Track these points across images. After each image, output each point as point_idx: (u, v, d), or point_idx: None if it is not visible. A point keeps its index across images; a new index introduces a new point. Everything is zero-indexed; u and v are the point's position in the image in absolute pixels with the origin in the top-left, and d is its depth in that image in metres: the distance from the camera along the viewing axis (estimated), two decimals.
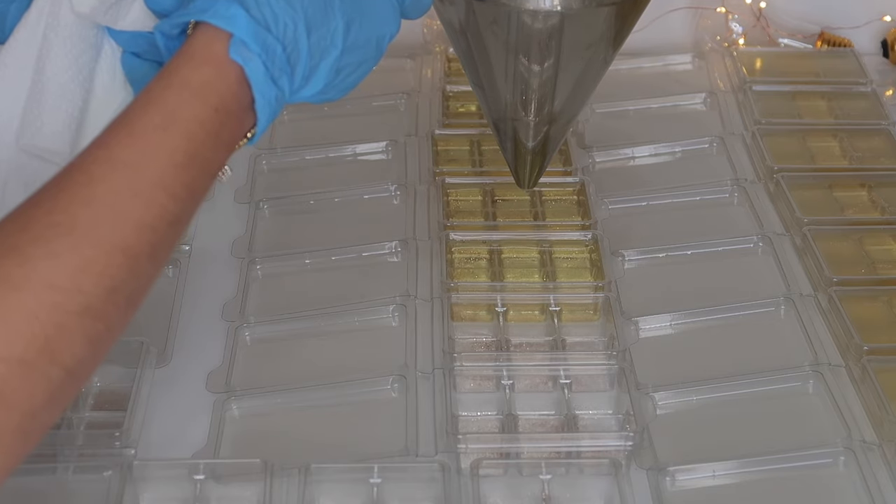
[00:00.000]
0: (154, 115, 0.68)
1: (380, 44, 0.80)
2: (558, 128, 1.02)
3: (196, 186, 0.69)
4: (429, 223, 1.19)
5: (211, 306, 1.10)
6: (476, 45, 0.97)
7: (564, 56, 0.95)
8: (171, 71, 0.70)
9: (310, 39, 0.74)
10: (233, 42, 0.71)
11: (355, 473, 0.93)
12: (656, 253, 1.16)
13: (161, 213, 0.66)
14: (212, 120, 0.69)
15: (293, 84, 0.74)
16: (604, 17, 0.94)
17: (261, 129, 0.74)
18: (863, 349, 1.03)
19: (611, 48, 0.98)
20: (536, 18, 0.92)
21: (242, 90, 0.71)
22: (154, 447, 0.96)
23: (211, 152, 0.70)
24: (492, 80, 0.99)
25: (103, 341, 0.64)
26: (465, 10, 0.95)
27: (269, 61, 0.71)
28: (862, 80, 1.41)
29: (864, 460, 0.94)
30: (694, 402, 1.01)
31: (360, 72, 0.79)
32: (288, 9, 0.73)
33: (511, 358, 1.03)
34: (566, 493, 0.93)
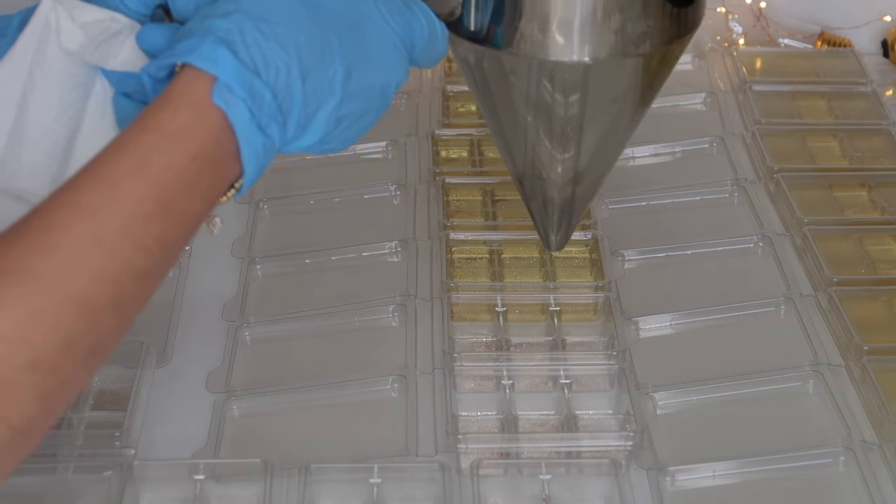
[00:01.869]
0: (125, 159, 0.64)
1: (385, 92, 0.75)
2: (585, 187, 0.95)
3: (168, 239, 0.64)
4: (429, 223, 1.19)
5: (211, 306, 1.10)
6: (496, 96, 0.90)
7: (590, 110, 0.88)
8: (149, 114, 0.66)
9: (305, 86, 0.69)
10: (216, 85, 0.66)
11: (355, 473, 0.93)
12: (656, 253, 1.16)
13: (125, 266, 0.62)
14: (188, 168, 0.65)
15: (286, 133, 0.69)
16: (634, 68, 0.86)
17: (248, 180, 0.69)
18: (863, 349, 1.03)
19: (640, 101, 0.91)
20: (560, 71, 0.84)
21: (226, 137, 0.66)
22: (154, 447, 0.96)
23: (187, 202, 0.65)
24: (514, 135, 0.92)
25: (57, 397, 0.60)
26: (484, 59, 0.87)
27: (255, 107, 0.67)
28: (862, 80, 1.41)
29: (864, 460, 0.94)
30: (694, 402, 1.01)
31: (363, 122, 0.75)
32: (280, 52, 0.68)
33: (511, 358, 1.03)
34: (566, 493, 0.93)
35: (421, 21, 0.77)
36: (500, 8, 0.83)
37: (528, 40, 0.83)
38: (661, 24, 0.83)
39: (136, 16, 0.76)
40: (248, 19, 0.68)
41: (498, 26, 0.83)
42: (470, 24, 0.84)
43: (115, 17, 0.75)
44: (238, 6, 0.69)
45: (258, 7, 0.69)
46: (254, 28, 0.68)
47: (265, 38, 0.68)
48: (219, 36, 0.67)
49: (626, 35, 0.83)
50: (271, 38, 0.68)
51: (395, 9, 0.75)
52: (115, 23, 0.75)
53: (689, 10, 0.85)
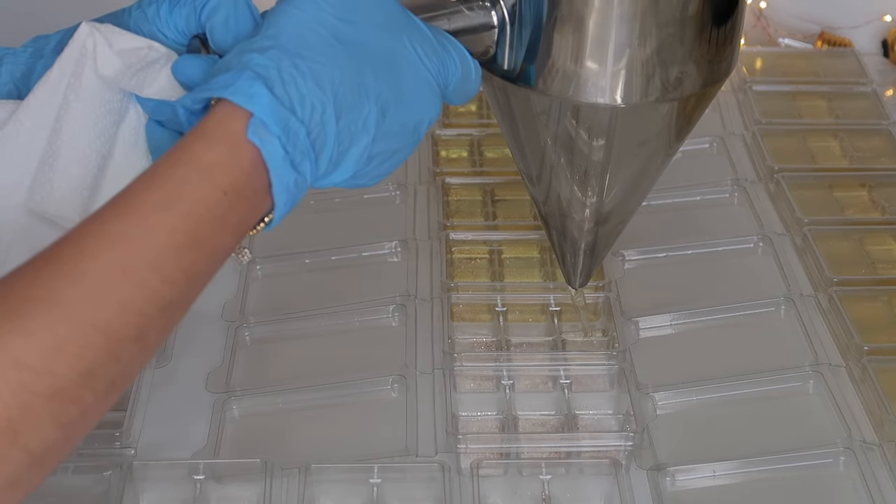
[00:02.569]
0: (157, 191, 0.63)
1: (417, 129, 0.75)
2: (611, 227, 0.94)
3: (196, 271, 0.64)
4: (429, 223, 1.19)
5: (211, 306, 1.10)
6: (525, 135, 0.89)
7: (619, 153, 0.87)
8: (182, 147, 0.66)
9: (339, 124, 0.69)
10: (252, 122, 0.66)
11: (355, 473, 0.93)
12: (656, 253, 1.16)
13: (152, 297, 0.62)
14: (220, 202, 0.64)
15: (318, 169, 0.69)
16: (666, 112, 0.85)
17: (279, 215, 0.69)
18: (863, 349, 1.03)
19: (671, 144, 0.90)
20: (591, 112, 0.84)
21: (258, 173, 0.66)
22: (154, 447, 0.96)
23: (216, 236, 0.65)
24: (541, 174, 0.91)
25: (77, 426, 0.60)
26: (513, 97, 0.86)
27: (289, 144, 0.66)
28: (862, 80, 1.41)
29: (864, 460, 0.94)
30: (694, 402, 1.01)
31: (395, 159, 0.74)
32: (317, 90, 0.68)
33: (511, 358, 1.04)
34: (566, 493, 0.93)
35: (455, 61, 0.77)
36: (534, 48, 0.82)
37: (560, 81, 0.82)
38: (694, 70, 0.83)
39: (173, 45, 0.76)
40: (285, 56, 0.68)
41: (531, 66, 0.83)
42: (503, 63, 0.84)
43: (153, 45, 0.75)
44: (276, 42, 0.69)
45: (296, 43, 0.69)
46: (291, 65, 0.67)
47: (302, 75, 0.67)
48: (256, 72, 0.67)
49: (657, 79, 0.82)
50: (308, 75, 0.68)
51: (431, 48, 0.75)
52: (152, 51, 0.75)
53: (722, 56, 0.84)
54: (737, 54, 0.87)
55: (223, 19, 0.74)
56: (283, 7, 0.71)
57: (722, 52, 0.84)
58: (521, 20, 0.82)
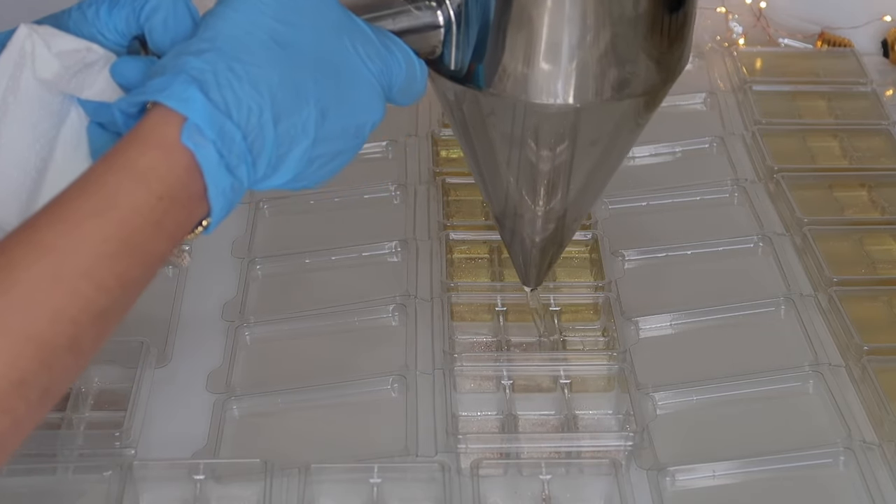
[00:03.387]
0: (90, 198, 0.63)
1: (360, 132, 0.74)
2: (566, 225, 0.93)
3: (130, 278, 0.63)
4: (429, 223, 1.19)
5: (211, 306, 1.10)
6: (475, 135, 0.87)
7: (572, 153, 0.86)
8: (116, 152, 0.65)
9: (277, 127, 0.68)
10: (185, 126, 0.65)
11: (355, 473, 0.93)
12: (656, 253, 1.16)
13: (85, 305, 0.61)
14: (154, 209, 0.64)
15: (255, 173, 0.68)
16: (619, 111, 0.84)
17: (216, 220, 0.68)
18: (863, 349, 1.03)
19: (624, 143, 0.89)
20: (541, 113, 0.82)
21: (193, 177, 0.66)
22: (154, 447, 0.96)
23: (151, 242, 0.64)
24: (494, 174, 0.89)
25: (9, 436, 0.60)
26: (464, 98, 0.84)
27: (224, 149, 0.66)
28: (862, 80, 1.41)
29: (864, 460, 0.94)
30: (694, 402, 1.01)
31: (336, 162, 0.73)
32: (253, 93, 0.67)
33: (511, 358, 1.03)
34: (566, 493, 0.93)
35: (399, 62, 0.76)
36: (482, 48, 0.80)
37: (511, 81, 0.81)
38: (645, 69, 0.82)
39: (112, 46, 0.75)
40: (222, 59, 0.67)
41: (479, 66, 0.81)
42: (451, 64, 0.82)
43: (92, 47, 0.74)
44: (213, 44, 0.68)
45: (233, 46, 0.68)
46: (227, 68, 0.67)
47: (238, 78, 0.67)
48: (191, 75, 0.66)
49: (609, 79, 0.81)
50: (244, 78, 0.67)
51: (374, 50, 0.74)
52: (91, 53, 0.74)
53: (673, 56, 0.84)
54: (688, 52, 0.86)
55: (162, 20, 0.73)
56: (221, 9, 0.70)
57: (673, 50, 0.83)
58: (467, 20, 0.80)
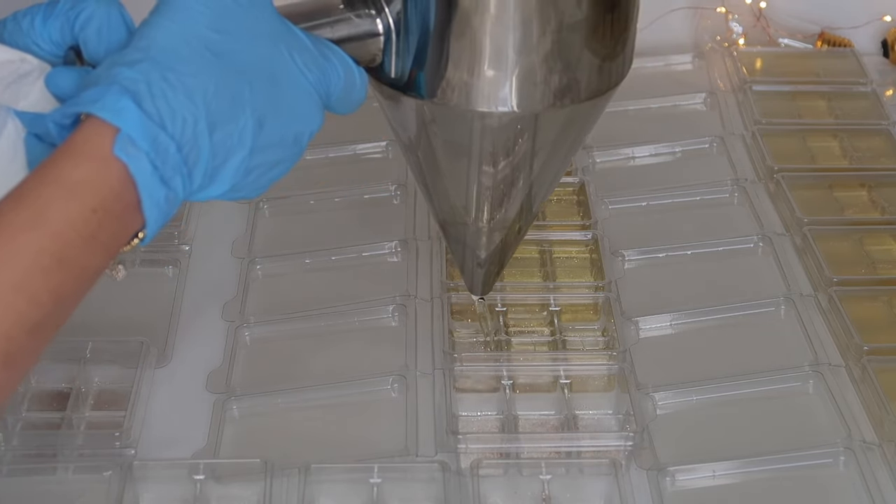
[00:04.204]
0: (23, 212, 0.62)
1: (298, 140, 0.73)
2: (510, 234, 0.93)
3: (64, 292, 0.63)
4: (429, 223, 1.19)
5: (211, 306, 1.10)
6: (419, 144, 0.86)
7: (518, 159, 0.85)
8: (49, 165, 0.64)
9: (212, 138, 0.68)
10: (119, 138, 0.64)
11: (355, 473, 0.93)
12: (656, 253, 1.16)
13: (18, 320, 0.61)
14: (88, 221, 0.63)
15: (191, 184, 0.68)
16: (559, 118, 0.83)
17: (151, 232, 0.67)
18: (863, 349, 1.03)
19: (567, 150, 0.88)
20: (483, 120, 0.81)
21: (127, 189, 0.65)
22: (154, 447, 0.96)
23: (85, 256, 0.64)
24: (435, 182, 0.89)
25: None
26: (403, 106, 0.83)
27: (158, 160, 0.65)
28: (862, 80, 1.41)
29: (864, 460, 0.94)
30: (694, 402, 1.01)
31: (275, 171, 0.73)
32: (188, 103, 0.66)
33: (511, 358, 1.03)
34: (566, 493, 0.93)
35: (338, 70, 0.75)
36: (423, 56, 0.80)
37: (453, 89, 0.80)
38: (586, 76, 0.81)
39: (47, 56, 0.74)
40: (155, 69, 0.67)
41: (419, 74, 0.80)
42: (391, 72, 0.81)
43: (26, 58, 0.74)
44: (146, 55, 0.67)
45: (167, 56, 0.67)
46: (161, 78, 0.66)
47: (172, 88, 0.66)
48: (124, 86, 0.65)
49: (554, 85, 0.80)
50: (179, 88, 0.66)
51: (311, 58, 0.74)
52: (25, 63, 0.74)
53: (615, 63, 0.83)
54: (630, 58, 0.85)
55: (96, 30, 0.73)
56: (155, 18, 0.69)
57: (615, 56, 0.83)
58: (406, 28, 0.79)
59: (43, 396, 1.01)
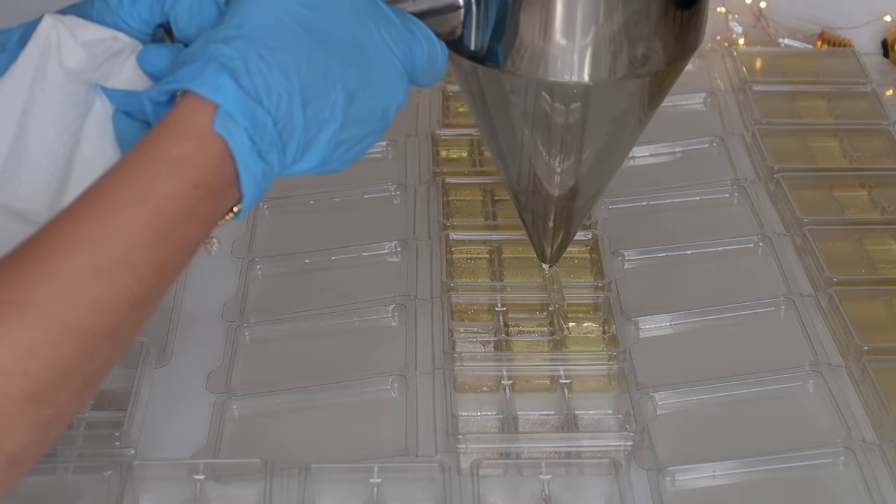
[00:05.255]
0: (126, 188, 0.63)
1: (385, 115, 0.74)
2: (581, 203, 0.94)
3: (166, 266, 0.64)
4: (429, 223, 1.19)
5: (211, 306, 1.10)
6: (495, 114, 0.88)
7: (589, 130, 0.87)
8: (149, 141, 0.65)
9: (305, 112, 0.69)
10: (218, 113, 0.65)
11: (355, 473, 0.93)
12: (656, 253, 1.16)
13: (124, 294, 0.62)
14: (189, 196, 0.64)
15: (285, 159, 0.69)
16: (634, 88, 0.85)
17: (247, 206, 0.68)
18: (863, 349, 1.03)
19: (640, 119, 0.90)
20: (560, 90, 0.83)
21: (226, 164, 0.66)
22: (154, 447, 0.96)
23: (186, 230, 0.65)
24: (512, 152, 0.91)
25: (52, 426, 0.60)
26: (482, 78, 0.86)
27: (256, 135, 0.66)
28: (862, 80, 1.41)
29: (864, 460, 0.94)
30: (694, 402, 1.01)
31: (363, 144, 0.74)
32: (282, 79, 0.67)
33: (511, 358, 1.03)
34: (566, 493, 0.93)
35: (422, 43, 0.76)
36: (501, 27, 0.82)
37: (528, 60, 0.82)
38: (661, 46, 0.83)
39: (137, 35, 0.75)
40: (251, 46, 0.67)
41: (498, 45, 0.82)
42: (470, 44, 0.83)
43: (117, 36, 0.74)
44: (241, 31, 0.68)
45: (261, 33, 0.68)
46: (256, 55, 0.67)
47: (268, 65, 0.67)
48: (221, 62, 0.66)
49: (626, 56, 0.82)
50: (274, 65, 0.67)
51: (397, 33, 0.74)
52: (116, 42, 0.74)
53: (689, 33, 0.84)
54: (703, 30, 0.86)
55: (187, 8, 0.73)
56: None
57: (689, 27, 0.84)
58: (486, 0, 0.81)
59: None
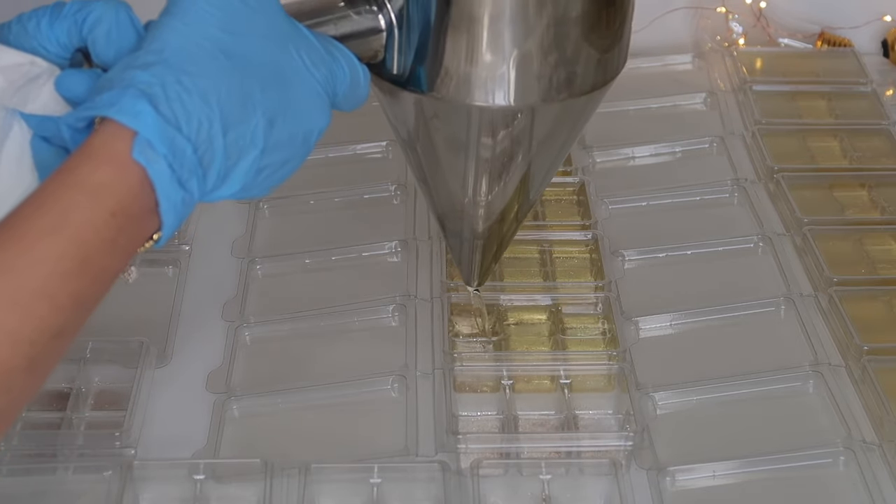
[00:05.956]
0: (44, 217, 0.62)
1: (307, 140, 0.73)
2: (507, 225, 0.94)
3: (85, 296, 0.63)
4: (429, 223, 1.19)
5: (211, 306, 1.10)
6: (419, 138, 0.87)
7: (516, 152, 0.86)
8: (68, 169, 0.64)
9: (226, 138, 0.68)
10: (137, 141, 0.64)
11: (355, 473, 0.93)
12: (656, 253, 1.16)
13: (42, 325, 0.61)
14: (108, 225, 0.64)
15: (205, 185, 0.68)
16: (559, 112, 0.85)
17: (167, 233, 0.68)
18: (863, 349, 1.03)
19: (565, 142, 0.89)
20: (482, 114, 0.83)
21: (145, 192, 0.65)
22: (154, 447, 0.96)
23: (105, 259, 0.64)
24: (435, 176, 0.90)
25: None
26: (407, 101, 0.84)
27: (176, 163, 0.65)
28: (862, 80, 1.41)
29: (864, 460, 0.94)
30: (694, 402, 1.01)
31: (284, 170, 0.73)
32: (202, 105, 0.67)
33: (511, 358, 1.03)
34: (566, 493, 0.93)
35: (343, 68, 0.75)
36: (423, 52, 0.81)
37: (453, 84, 0.81)
38: (583, 70, 0.82)
39: (56, 59, 0.74)
40: (169, 72, 0.67)
41: (420, 69, 0.81)
42: (392, 68, 0.82)
43: (35, 60, 0.73)
44: (160, 57, 0.67)
45: (180, 58, 0.67)
46: (175, 81, 0.66)
47: (187, 91, 0.66)
48: (140, 89, 0.65)
49: (553, 79, 0.81)
50: (193, 91, 0.67)
51: (318, 57, 0.74)
52: (34, 67, 0.73)
53: (611, 57, 0.84)
54: (626, 52, 0.86)
55: (105, 32, 0.72)
56: (167, 20, 0.69)
57: (613, 50, 0.84)
58: (408, 24, 0.80)
59: (43, 396, 1.01)
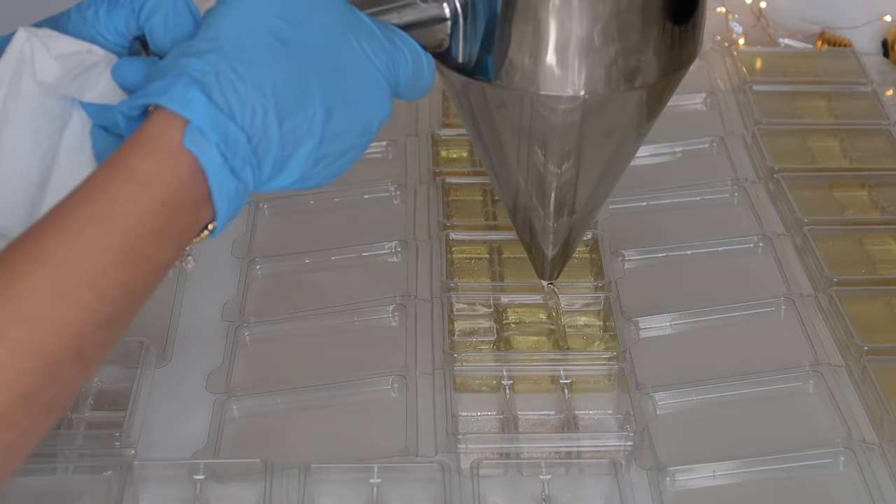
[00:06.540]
0: (91, 207, 0.62)
1: (367, 130, 0.72)
2: (578, 219, 0.92)
3: (134, 287, 0.62)
4: (429, 223, 1.19)
5: (211, 306, 1.10)
6: (486, 127, 0.86)
7: (584, 144, 0.84)
8: (118, 158, 0.64)
9: (281, 128, 0.67)
10: (188, 129, 0.64)
11: (355, 473, 0.93)
12: (656, 253, 1.16)
13: (89, 316, 0.60)
14: (157, 215, 0.63)
15: (260, 175, 0.67)
16: (629, 101, 0.83)
17: (221, 223, 0.67)
18: (863, 349, 1.03)
19: (637, 132, 0.87)
20: (552, 104, 0.81)
21: (197, 182, 0.64)
22: (154, 447, 0.96)
23: (154, 250, 0.63)
24: (504, 166, 0.88)
25: (15, 451, 0.59)
26: (473, 91, 0.83)
27: (228, 151, 0.65)
28: (862, 80, 1.41)
29: (864, 460, 0.94)
30: (694, 402, 1.01)
31: (343, 160, 0.72)
32: (257, 94, 0.66)
33: (511, 358, 1.03)
34: (566, 493, 0.93)
35: (406, 56, 0.74)
36: (490, 39, 0.79)
37: (519, 73, 0.80)
38: (656, 58, 0.81)
39: (113, 47, 0.74)
40: (224, 59, 0.66)
41: (487, 58, 0.80)
42: (458, 56, 0.81)
43: (92, 48, 0.74)
44: (214, 45, 0.67)
45: (235, 46, 0.67)
46: (229, 69, 0.66)
47: (241, 79, 0.66)
48: (193, 77, 0.65)
49: (620, 69, 0.80)
50: (247, 79, 0.66)
51: (379, 45, 0.73)
52: (91, 55, 0.73)
53: (685, 44, 0.83)
54: (700, 41, 0.85)
55: (162, 20, 0.72)
56: (223, 8, 0.69)
57: (684, 39, 0.82)
58: (474, 12, 0.79)
59: None
